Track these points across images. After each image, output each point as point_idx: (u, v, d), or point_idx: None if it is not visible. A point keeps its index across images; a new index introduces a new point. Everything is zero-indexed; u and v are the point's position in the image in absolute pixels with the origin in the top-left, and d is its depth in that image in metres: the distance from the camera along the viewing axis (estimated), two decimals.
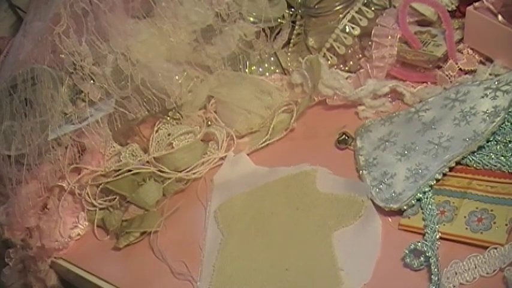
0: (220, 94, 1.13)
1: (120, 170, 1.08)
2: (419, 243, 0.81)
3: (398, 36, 1.06)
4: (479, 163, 0.88)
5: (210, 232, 0.98)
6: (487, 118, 0.91)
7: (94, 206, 1.08)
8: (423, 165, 0.90)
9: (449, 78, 1.01)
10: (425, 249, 0.80)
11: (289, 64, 1.18)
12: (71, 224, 1.08)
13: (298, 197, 0.95)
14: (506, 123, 0.90)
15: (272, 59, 1.19)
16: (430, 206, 0.85)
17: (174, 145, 1.09)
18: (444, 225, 0.83)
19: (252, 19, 1.12)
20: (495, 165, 0.87)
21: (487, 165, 0.87)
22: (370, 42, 1.08)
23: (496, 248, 0.77)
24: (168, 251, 0.98)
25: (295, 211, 0.94)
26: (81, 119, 1.05)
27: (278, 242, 0.91)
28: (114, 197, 1.07)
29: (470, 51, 1.03)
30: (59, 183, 1.09)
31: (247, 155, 1.08)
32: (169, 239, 1.01)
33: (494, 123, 0.90)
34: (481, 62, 1.01)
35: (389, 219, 0.87)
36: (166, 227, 1.02)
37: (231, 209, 0.99)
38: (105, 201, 1.08)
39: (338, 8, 1.09)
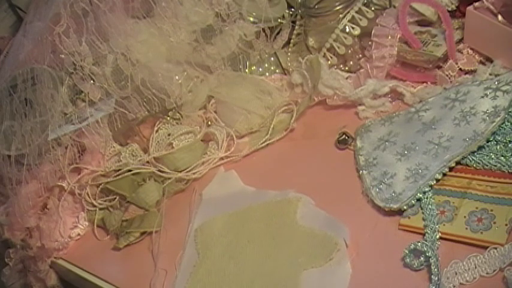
0: (220, 94, 1.13)
1: (120, 170, 1.07)
2: (419, 243, 0.81)
3: (398, 36, 1.06)
4: (479, 163, 0.88)
5: (188, 251, 0.97)
6: (487, 118, 0.91)
7: (94, 206, 1.08)
8: (423, 165, 0.90)
9: (449, 78, 1.01)
10: (425, 249, 0.80)
11: (289, 64, 1.18)
12: (71, 224, 1.08)
13: (276, 226, 0.93)
14: (506, 123, 0.90)
15: (272, 59, 1.19)
16: (430, 206, 0.85)
17: (174, 145, 1.09)
18: (444, 225, 0.83)
19: (252, 19, 1.12)
20: (495, 165, 0.87)
21: (487, 165, 0.87)
22: (370, 42, 1.08)
23: (496, 248, 0.77)
24: (168, 252, 0.98)
25: (271, 241, 0.92)
26: (81, 119, 1.05)
27: (249, 272, 0.89)
28: (114, 197, 1.07)
29: (470, 51, 1.03)
30: (59, 183, 1.09)
31: (247, 155, 1.09)
32: (169, 239, 1.00)
33: (494, 123, 0.90)
34: (481, 62, 1.01)
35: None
36: (166, 227, 1.02)
37: (211, 230, 0.97)
38: (105, 201, 1.08)
39: (338, 8, 1.09)
